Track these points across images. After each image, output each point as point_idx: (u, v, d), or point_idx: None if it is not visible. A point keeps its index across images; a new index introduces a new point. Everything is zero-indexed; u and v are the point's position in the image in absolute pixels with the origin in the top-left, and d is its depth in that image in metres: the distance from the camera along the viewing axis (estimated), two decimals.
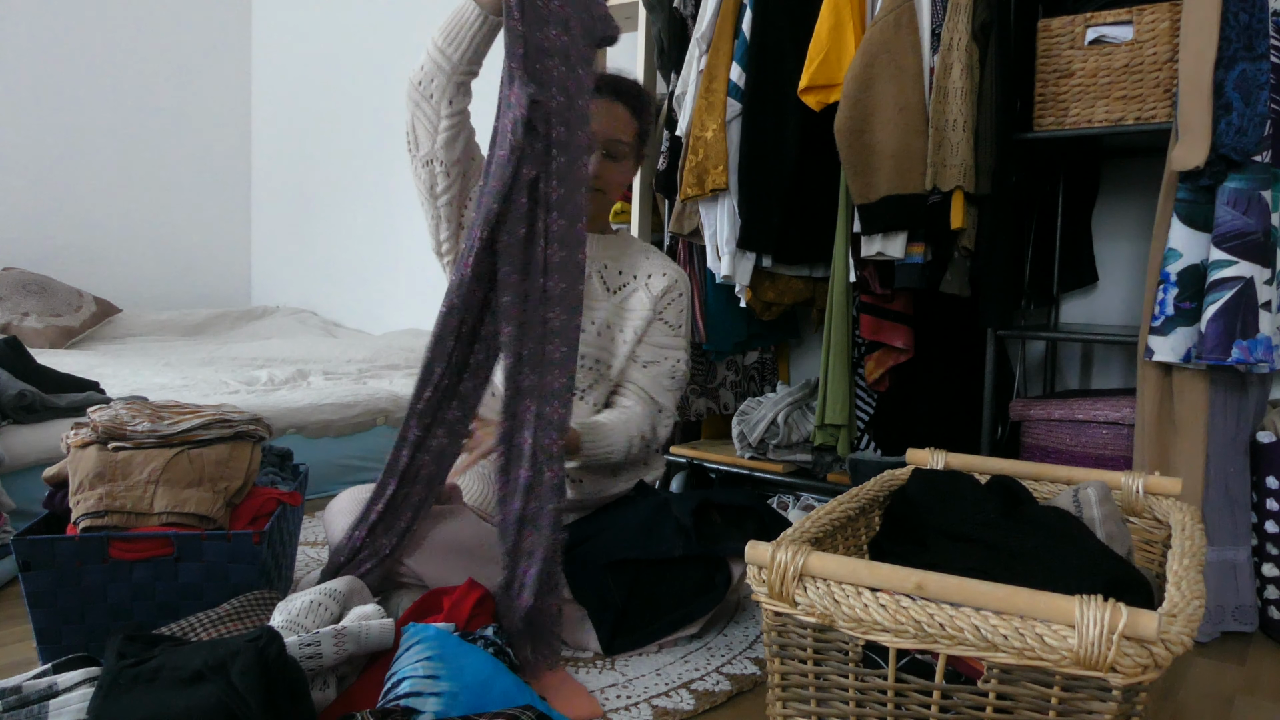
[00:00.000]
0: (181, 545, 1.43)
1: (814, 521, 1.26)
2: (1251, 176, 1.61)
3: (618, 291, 1.79)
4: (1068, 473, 1.48)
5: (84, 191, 4.12)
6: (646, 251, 1.85)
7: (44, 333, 3.47)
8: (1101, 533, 1.27)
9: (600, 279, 1.78)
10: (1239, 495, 1.72)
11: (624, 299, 1.79)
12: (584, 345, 1.71)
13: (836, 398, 2.09)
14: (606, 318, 1.76)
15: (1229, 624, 1.72)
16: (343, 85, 4.20)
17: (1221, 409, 1.71)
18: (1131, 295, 2.29)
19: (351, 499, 1.57)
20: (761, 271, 2.27)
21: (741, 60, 2.17)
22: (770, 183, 2.18)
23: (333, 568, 1.51)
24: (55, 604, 1.41)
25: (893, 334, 2.14)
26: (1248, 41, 1.61)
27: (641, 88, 1.78)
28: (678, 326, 1.81)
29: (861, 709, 1.09)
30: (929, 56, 1.96)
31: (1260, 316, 1.60)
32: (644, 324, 1.76)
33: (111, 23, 4.15)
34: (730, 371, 2.69)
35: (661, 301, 1.78)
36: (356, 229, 4.21)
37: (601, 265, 1.79)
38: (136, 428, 1.50)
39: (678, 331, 1.80)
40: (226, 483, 1.51)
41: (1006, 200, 1.93)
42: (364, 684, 1.28)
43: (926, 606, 0.99)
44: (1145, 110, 1.81)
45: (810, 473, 2.36)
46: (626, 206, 2.62)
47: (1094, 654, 0.91)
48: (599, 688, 1.43)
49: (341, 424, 2.61)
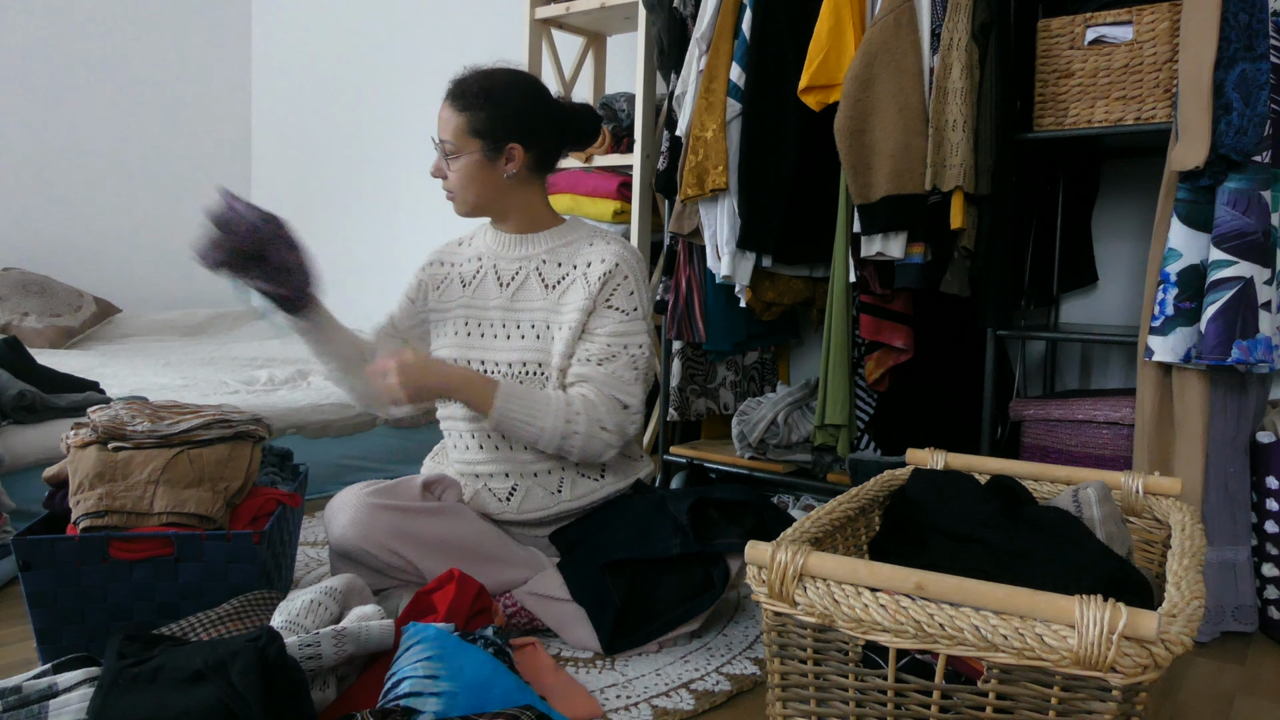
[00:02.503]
0: (181, 545, 1.43)
1: (814, 521, 1.26)
2: (1251, 176, 1.61)
3: (555, 287, 1.72)
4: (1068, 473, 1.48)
5: (84, 191, 4.12)
6: (591, 237, 1.75)
7: (44, 333, 3.47)
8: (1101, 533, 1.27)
9: (538, 277, 1.73)
10: (1239, 495, 1.72)
11: (562, 293, 1.71)
12: (524, 350, 1.69)
13: (836, 398, 2.09)
14: (545, 316, 1.71)
15: (1229, 624, 1.72)
16: (343, 85, 4.20)
17: (1221, 409, 1.71)
18: (1131, 295, 2.29)
19: (351, 498, 1.56)
20: (761, 271, 2.27)
21: (741, 60, 2.17)
22: (770, 183, 2.18)
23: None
24: (55, 604, 1.41)
25: (893, 334, 2.14)
26: (1248, 41, 1.61)
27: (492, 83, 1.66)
28: (631, 310, 1.68)
29: (861, 709, 1.09)
30: (929, 56, 1.96)
31: (1260, 316, 1.60)
32: (583, 315, 1.66)
33: (111, 22, 4.15)
34: (730, 371, 2.69)
35: (605, 289, 1.67)
36: (356, 229, 4.21)
37: (539, 262, 1.73)
38: (136, 428, 1.50)
39: (632, 315, 1.68)
40: (226, 483, 1.51)
41: (1006, 200, 1.93)
42: (364, 684, 1.28)
43: (926, 606, 0.99)
44: (1145, 110, 1.81)
45: (810, 473, 2.36)
46: (627, 207, 2.62)
47: (1094, 654, 0.91)
48: (599, 688, 1.43)
49: (341, 424, 2.61)
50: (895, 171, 1.93)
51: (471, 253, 1.81)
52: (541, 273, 1.73)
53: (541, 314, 1.71)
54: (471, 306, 1.76)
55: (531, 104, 1.69)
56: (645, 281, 1.74)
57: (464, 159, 1.66)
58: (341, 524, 1.54)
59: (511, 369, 1.70)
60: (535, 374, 1.69)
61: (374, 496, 1.56)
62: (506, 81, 1.68)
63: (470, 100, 1.65)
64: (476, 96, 1.65)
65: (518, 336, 1.71)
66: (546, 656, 1.47)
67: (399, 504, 1.56)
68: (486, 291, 1.75)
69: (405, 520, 1.55)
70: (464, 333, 1.75)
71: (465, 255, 1.81)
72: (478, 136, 1.65)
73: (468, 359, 1.73)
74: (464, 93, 1.65)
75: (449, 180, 1.69)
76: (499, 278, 1.75)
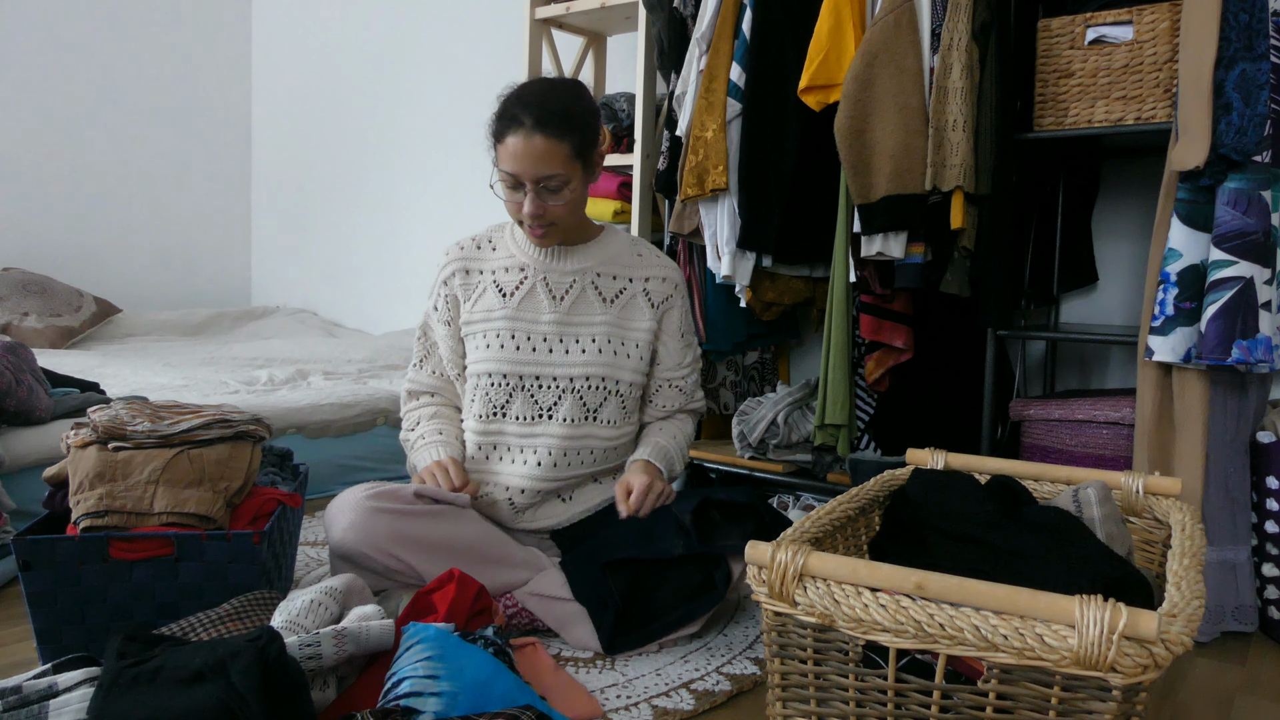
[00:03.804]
0: (181, 545, 1.43)
1: (814, 521, 1.26)
2: (1251, 176, 1.61)
3: (615, 300, 1.74)
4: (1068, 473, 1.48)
5: (84, 191, 4.12)
6: (636, 247, 1.80)
7: (44, 333, 3.47)
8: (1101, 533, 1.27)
9: (595, 290, 1.73)
10: (1239, 495, 1.72)
11: (623, 306, 1.75)
12: (588, 364, 1.70)
13: (836, 398, 2.09)
14: (607, 331, 1.73)
15: (1229, 624, 1.72)
16: (343, 85, 4.20)
17: (1221, 409, 1.71)
18: (1131, 295, 2.29)
19: (351, 502, 1.56)
20: (761, 271, 2.27)
21: (741, 60, 2.17)
22: (770, 183, 2.18)
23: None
24: (55, 604, 1.41)
25: (893, 334, 2.14)
26: (1248, 41, 1.61)
27: (569, 100, 1.61)
28: (690, 331, 1.83)
29: (861, 709, 1.09)
30: (929, 56, 1.96)
31: (1260, 316, 1.60)
32: (651, 336, 1.76)
33: (111, 22, 4.15)
34: (730, 371, 2.69)
35: (668, 309, 1.77)
36: (356, 229, 4.21)
37: (594, 275, 1.74)
38: (136, 428, 1.50)
39: (690, 339, 1.84)
40: (226, 483, 1.51)
41: (1006, 200, 1.93)
42: (364, 684, 1.28)
43: (926, 606, 0.99)
44: (1145, 110, 1.81)
45: (810, 473, 2.36)
46: (627, 207, 2.62)
47: (1094, 654, 0.91)
48: (599, 688, 1.43)
49: (341, 424, 2.61)
50: (895, 171, 1.93)
51: (507, 260, 1.75)
52: (598, 286, 1.73)
53: (604, 328, 1.72)
54: (518, 319, 1.71)
55: (594, 105, 1.68)
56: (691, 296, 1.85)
57: (574, 186, 1.61)
58: (341, 527, 1.53)
59: (574, 383, 1.70)
60: (599, 387, 1.71)
61: (374, 500, 1.55)
62: (574, 92, 1.64)
63: (565, 124, 1.57)
64: (567, 118, 1.57)
65: (578, 351, 1.70)
66: (546, 656, 1.47)
67: (399, 507, 1.56)
68: (537, 304, 1.72)
69: (405, 523, 1.55)
70: (511, 346, 1.71)
71: (498, 262, 1.75)
72: (579, 159, 1.60)
73: (519, 374, 1.71)
74: (554, 118, 1.56)
75: (552, 211, 1.61)
76: (551, 291, 1.72)
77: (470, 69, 3.66)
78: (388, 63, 3.99)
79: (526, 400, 1.71)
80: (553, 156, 1.56)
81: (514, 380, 1.71)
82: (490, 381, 1.72)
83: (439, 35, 3.78)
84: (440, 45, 3.78)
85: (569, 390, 1.70)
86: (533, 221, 1.62)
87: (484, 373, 1.72)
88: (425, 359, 1.83)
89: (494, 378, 1.71)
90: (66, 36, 4.02)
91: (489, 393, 1.72)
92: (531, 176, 1.57)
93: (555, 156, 1.56)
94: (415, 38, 3.88)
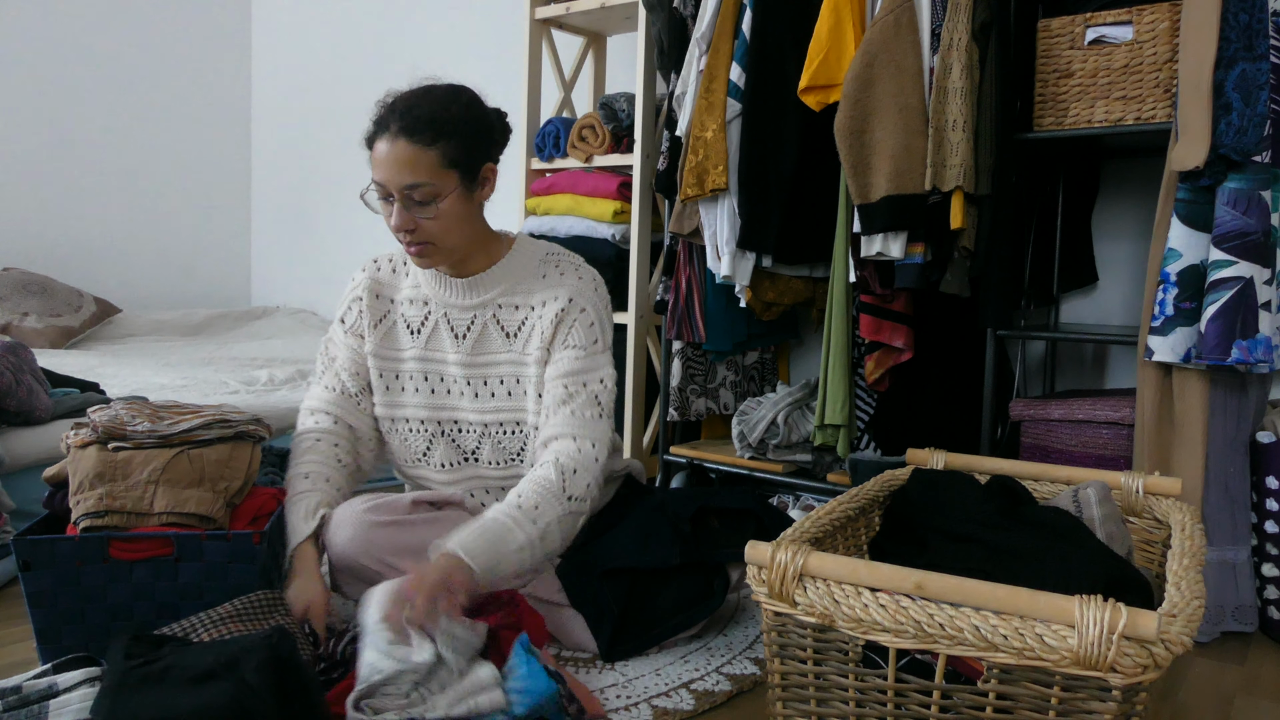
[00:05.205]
0: (181, 545, 1.42)
1: (814, 521, 1.26)
2: (1251, 176, 1.61)
3: (517, 333, 1.59)
4: (1068, 473, 1.48)
5: (84, 191, 4.12)
6: (544, 266, 1.61)
7: (44, 333, 3.47)
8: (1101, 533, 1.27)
9: (497, 324, 1.59)
10: (1239, 495, 1.72)
11: (525, 341, 1.59)
12: (499, 410, 1.61)
13: (836, 398, 2.09)
14: (515, 371, 1.60)
15: (1229, 624, 1.72)
16: (343, 84, 4.20)
17: (1221, 409, 1.71)
18: (1131, 295, 2.29)
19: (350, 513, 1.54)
20: (761, 271, 2.27)
21: (741, 60, 2.17)
22: (770, 183, 2.18)
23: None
24: (55, 604, 1.41)
25: (893, 334, 2.14)
26: (1248, 41, 1.61)
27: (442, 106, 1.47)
28: (591, 343, 1.57)
29: (861, 709, 1.09)
30: (929, 56, 1.96)
31: (1260, 316, 1.60)
32: (541, 367, 1.57)
33: (111, 22, 4.14)
34: (730, 371, 2.69)
35: (560, 331, 1.56)
36: (356, 229, 4.20)
37: (495, 307, 1.60)
38: (136, 428, 1.50)
39: (591, 349, 1.57)
40: (226, 483, 1.50)
41: (1006, 200, 1.93)
42: None
43: (926, 606, 0.99)
44: (1145, 110, 1.81)
45: (810, 473, 2.36)
46: (627, 207, 2.62)
47: (1094, 654, 0.91)
48: (599, 688, 1.43)
49: None
50: (895, 171, 1.93)
51: (412, 291, 1.65)
52: (499, 320, 1.60)
53: (509, 368, 1.60)
54: (428, 360, 1.63)
55: (483, 113, 1.54)
56: (605, 306, 1.62)
57: (448, 200, 1.47)
58: (341, 541, 1.50)
59: (488, 430, 1.62)
60: (514, 433, 1.62)
61: (372, 514, 1.51)
62: (450, 95, 1.50)
63: (433, 130, 1.45)
64: (436, 124, 1.45)
65: (486, 395, 1.61)
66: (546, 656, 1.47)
67: (397, 518, 1.52)
68: (441, 344, 1.63)
69: (405, 533, 1.52)
70: (426, 389, 1.64)
71: (406, 293, 1.65)
72: (455, 169, 1.47)
73: (437, 419, 1.64)
74: (421, 124, 1.44)
75: (424, 229, 1.48)
76: (453, 329, 1.61)
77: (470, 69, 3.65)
78: (388, 63, 3.98)
79: (449, 446, 1.65)
80: (417, 164, 1.44)
81: (432, 426, 1.64)
82: (409, 428, 1.65)
83: (439, 35, 3.78)
84: (440, 45, 3.77)
85: (486, 435, 1.63)
86: (405, 237, 1.49)
87: (400, 418, 1.65)
88: (325, 372, 1.70)
89: (411, 424, 1.65)
90: (66, 36, 4.01)
91: (407, 439, 1.66)
92: (396, 185, 1.45)
93: (420, 164, 1.44)
94: (415, 38, 3.88)
